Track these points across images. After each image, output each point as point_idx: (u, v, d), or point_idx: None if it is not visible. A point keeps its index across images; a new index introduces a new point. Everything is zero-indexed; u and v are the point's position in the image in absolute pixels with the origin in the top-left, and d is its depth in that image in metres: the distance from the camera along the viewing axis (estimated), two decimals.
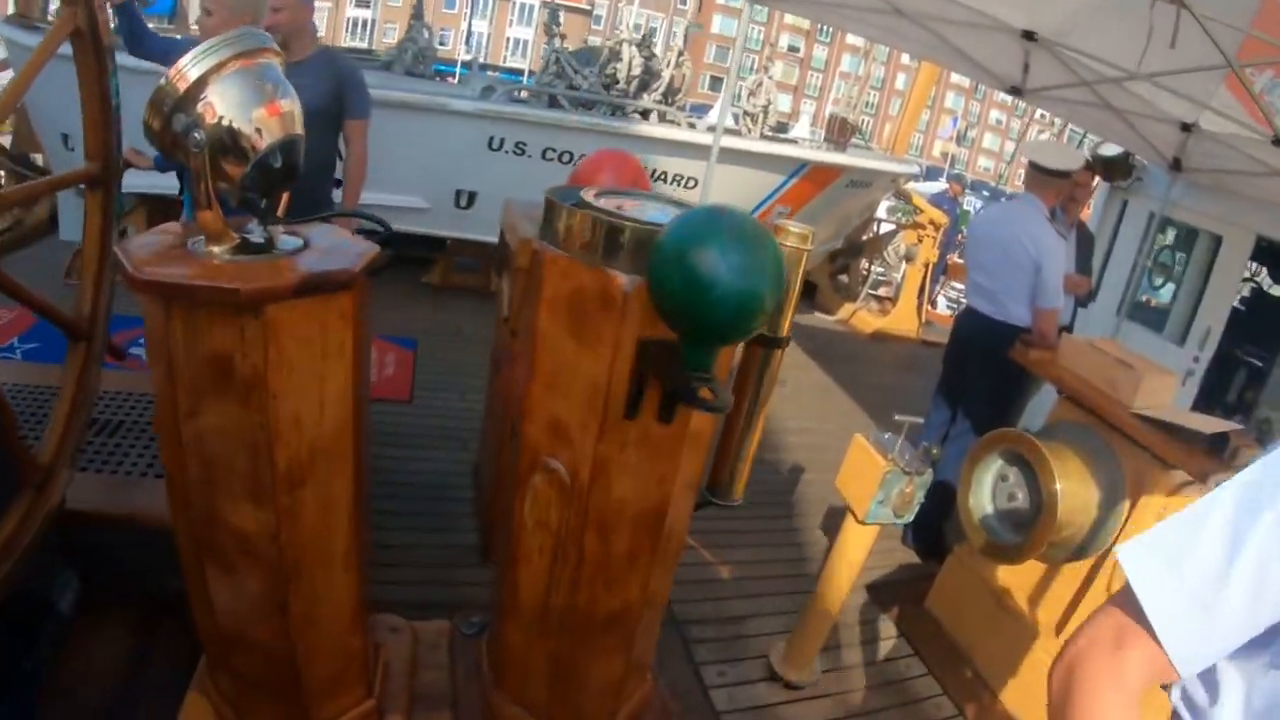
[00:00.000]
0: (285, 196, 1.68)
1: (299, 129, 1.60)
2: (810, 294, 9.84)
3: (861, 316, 9.32)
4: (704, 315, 1.39)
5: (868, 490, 2.67)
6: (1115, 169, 5.87)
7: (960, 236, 10.27)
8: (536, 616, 2.09)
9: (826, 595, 2.96)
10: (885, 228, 10.18)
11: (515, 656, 2.25)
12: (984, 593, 3.38)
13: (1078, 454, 3.02)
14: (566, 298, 1.72)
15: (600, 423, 1.75)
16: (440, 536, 3.59)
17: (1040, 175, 3.86)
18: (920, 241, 9.07)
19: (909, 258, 9.16)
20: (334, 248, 1.72)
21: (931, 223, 8.96)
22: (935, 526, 4.11)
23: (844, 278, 9.96)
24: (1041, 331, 3.71)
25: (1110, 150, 5.84)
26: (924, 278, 9.13)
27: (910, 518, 2.71)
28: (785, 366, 1.76)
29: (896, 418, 2.68)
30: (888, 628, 3.63)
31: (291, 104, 1.59)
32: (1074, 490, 2.88)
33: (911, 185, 9.98)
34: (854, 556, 2.86)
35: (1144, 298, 6.11)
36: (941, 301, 11.13)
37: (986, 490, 3.17)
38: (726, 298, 1.34)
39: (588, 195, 1.75)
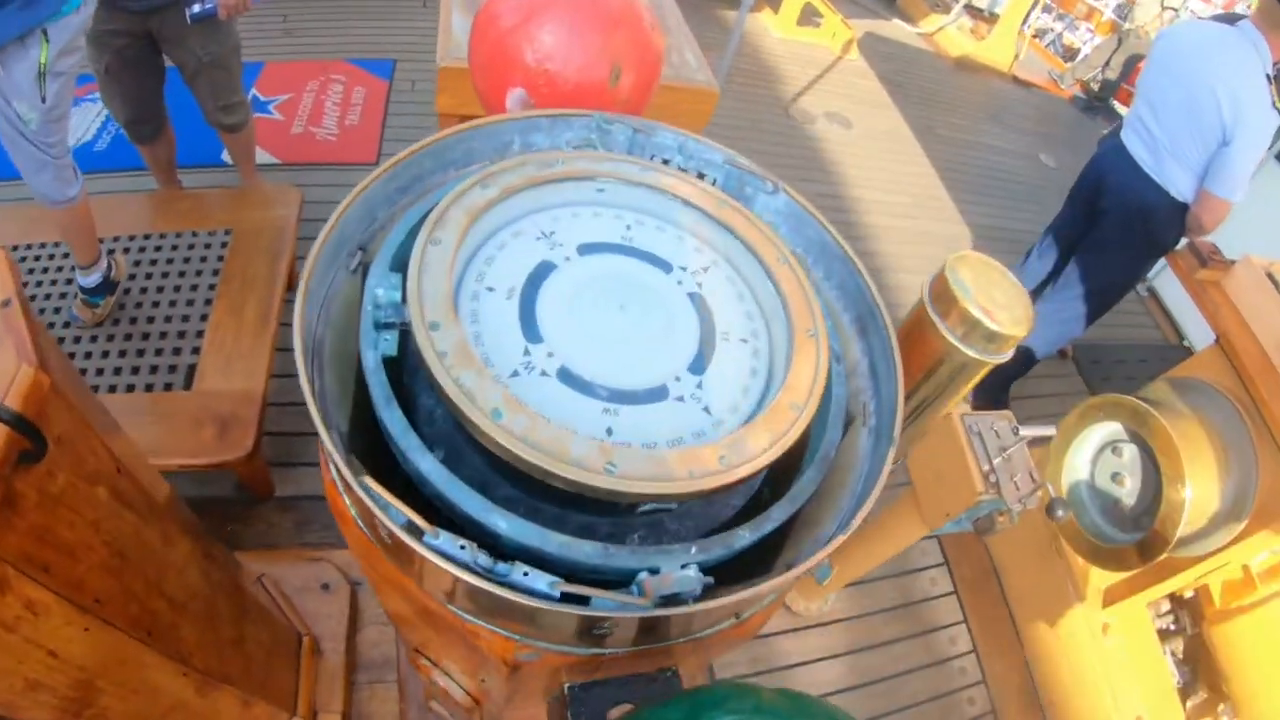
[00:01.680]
0: None
1: None
2: None
3: (949, 35, 7.25)
4: None
5: (946, 505, 1.90)
6: None
7: None
8: None
9: (853, 553, 2.37)
10: None
11: None
12: (1040, 519, 2.78)
13: (1211, 440, 2.19)
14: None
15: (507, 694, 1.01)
16: None
17: None
18: None
19: None
20: None
21: None
22: (1005, 386, 3.37)
23: None
24: (1200, 222, 2.58)
25: None
26: (1033, 2, 6.89)
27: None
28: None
29: (1022, 431, 1.81)
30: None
31: None
32: (1198, 494, 2.11)
33: None
34: (900, 541, 2.21)
35: None
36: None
37: (1088, 451, 2.39)
38: None
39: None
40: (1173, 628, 2.58)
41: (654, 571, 0.67)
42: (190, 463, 2.17)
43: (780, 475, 0.84)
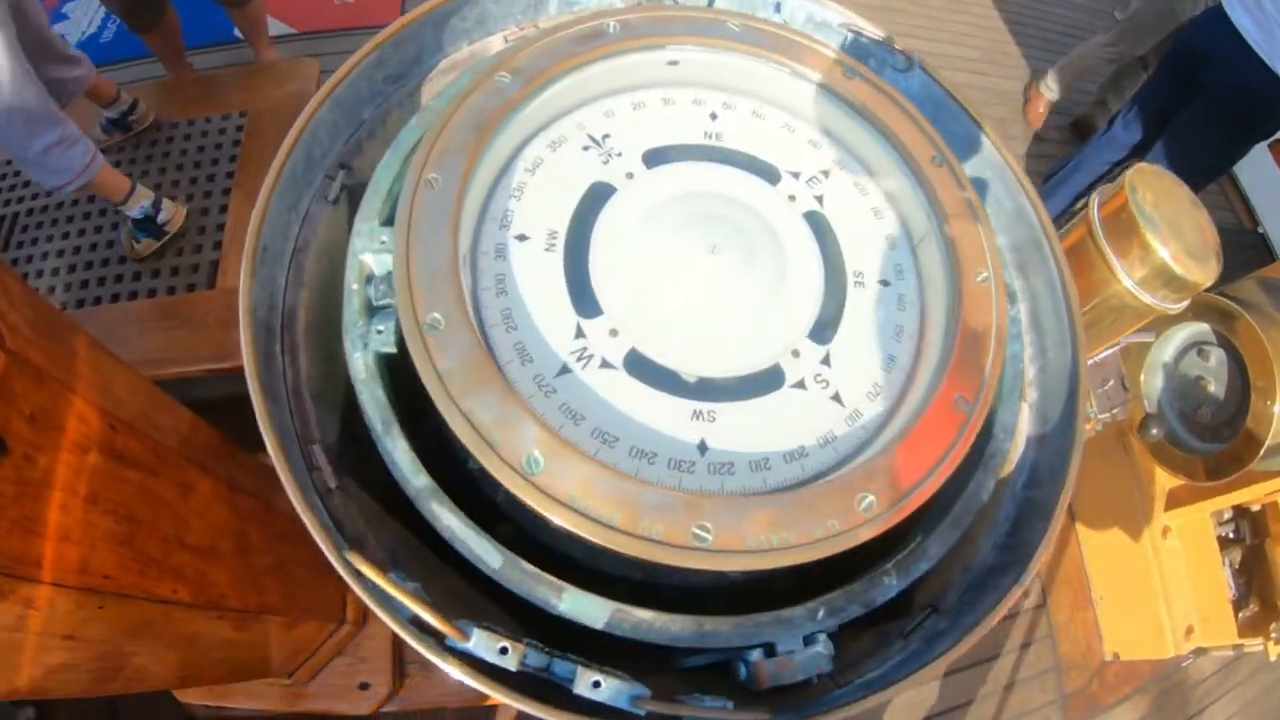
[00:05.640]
0: None
1: None
2: None
3: None
4: None
5: None
6: None
7: None
8: None
9: None
10: None
11: None
12: None
13: None
14: None
15: None
16: None
17: None
18: None
19: None
20: None
21: None
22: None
23: None
24: None
25: None
26: None
27: None
28: None
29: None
30: None
31: None
32: None
33: None
34: None
35: None
36: None
37: (1172, 350, 2.11)
38: None
39: None
40: (1232, 536, 2.38)
41: (769, 650, 0.45)
42: (218, 367, 1.99)
43: None
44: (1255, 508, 2.20)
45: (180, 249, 2.13)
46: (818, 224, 0.57)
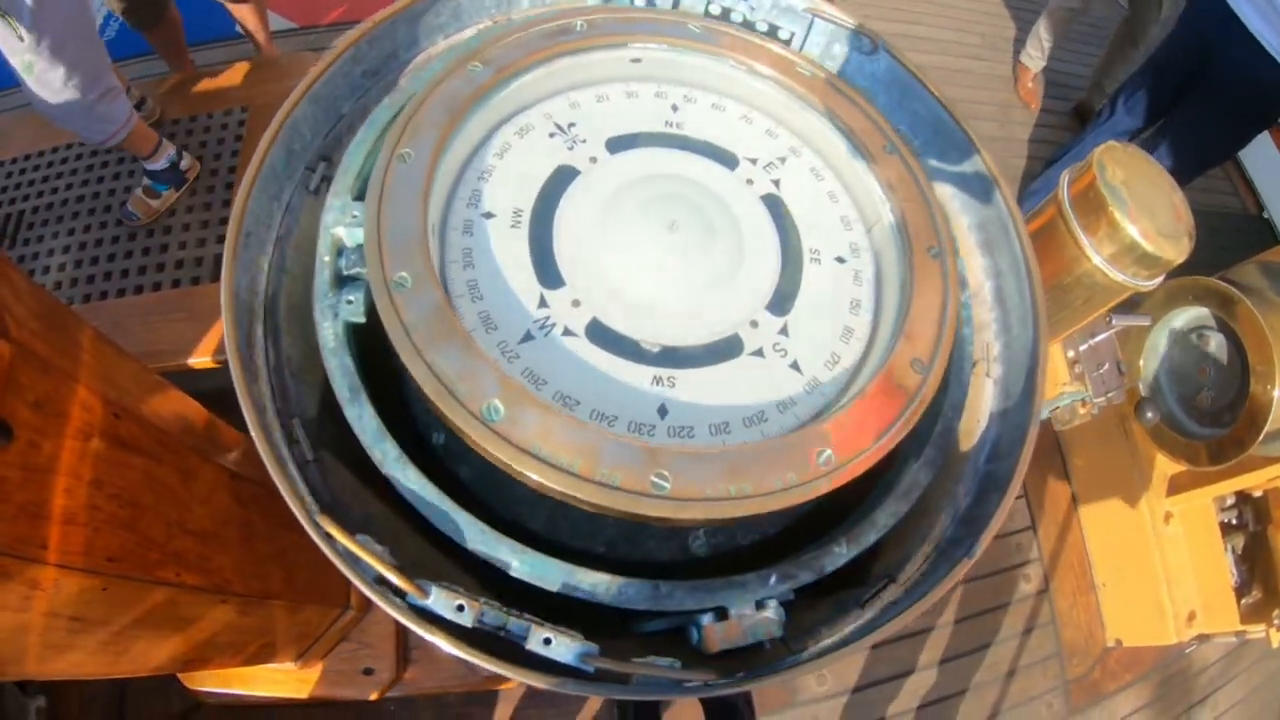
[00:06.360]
0: None
1: None
2: None
3: None
4: None
5: None
6: None
7: None
8: None
9: None
10: None
11: None
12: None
13: None
14: None
15: None
16: None
17: None
18: None
19: None
20: None
21: None
22: None
23: None
24: None
25: None
26: None
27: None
28: None
29: (1114, 320, 1.56)
30: None
31: None
32: None
33: None
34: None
35: None
36: None
37: (1172, 335, 2.12)
38: None
39: None
40: (1235, 522, 2.38)
41: (720, 614, 0.47)
42: (222, 358, 2.04)
43: None
44: (1257, 493, 2.21)
45: (184, 242, 2.18)
46: (774, 205, 0.59)
